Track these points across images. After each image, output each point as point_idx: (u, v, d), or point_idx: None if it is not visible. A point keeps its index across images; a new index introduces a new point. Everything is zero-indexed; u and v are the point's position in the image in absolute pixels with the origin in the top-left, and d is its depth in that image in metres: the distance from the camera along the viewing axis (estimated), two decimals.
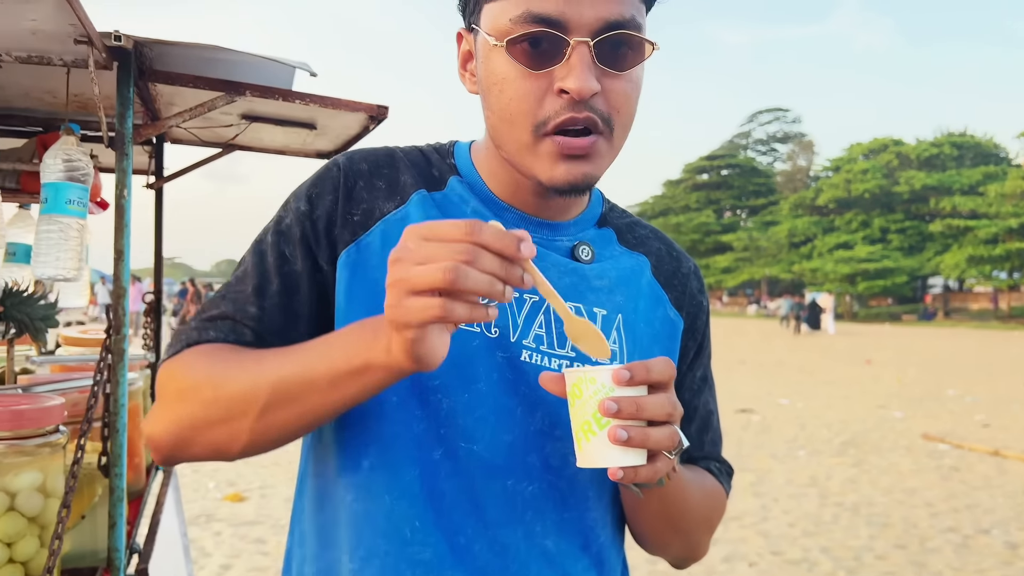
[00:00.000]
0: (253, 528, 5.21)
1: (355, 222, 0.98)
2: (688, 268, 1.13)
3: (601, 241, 1.07)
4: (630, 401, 0.79)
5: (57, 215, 1.55)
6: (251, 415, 0.85)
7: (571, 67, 0.87)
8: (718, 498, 1.11)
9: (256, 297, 0.95)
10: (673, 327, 1.08)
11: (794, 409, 11.03)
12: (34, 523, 1.37)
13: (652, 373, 0.80)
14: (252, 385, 0.85)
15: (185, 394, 0.89)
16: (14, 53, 1.50)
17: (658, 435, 0.79)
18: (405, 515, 0.92)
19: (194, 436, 0.89)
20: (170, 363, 0.93)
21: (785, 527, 5.50)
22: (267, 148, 2.48)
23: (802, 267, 59.12)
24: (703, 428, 1.14)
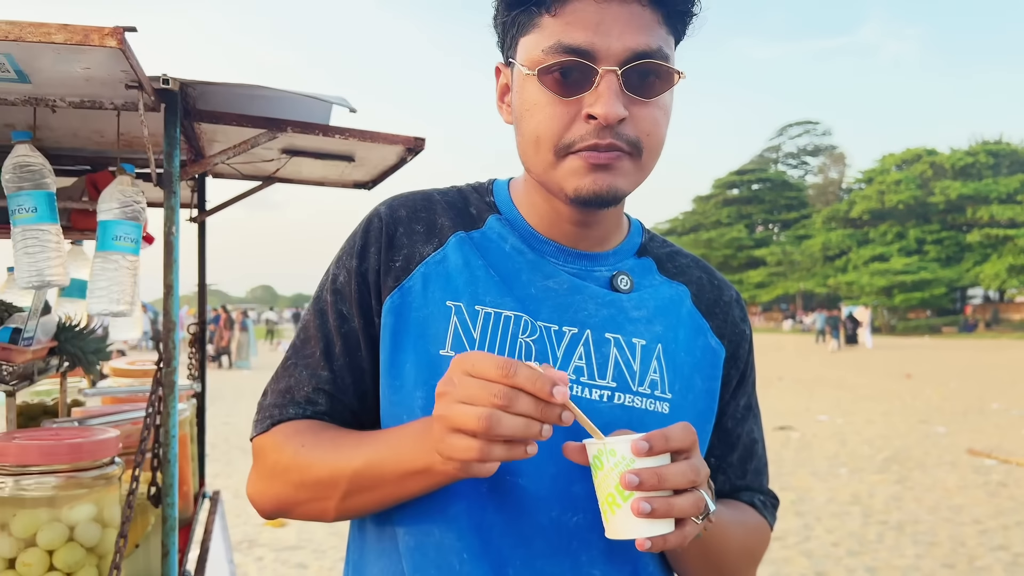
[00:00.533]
0: (295, 553, 5.25)
1: (397, 268, 1.02)
2: (730, 296, 1.14)
3: (640, 271, 1.09)
4: (651, 473, 0.80)
5: (110, 252, 1.60)
6: (335, 499, 0.95)
7: (599, 94, 0.91)
8: (761, 533, 1.11)
9: (325, 360, 1.02)
10: (715, 355, 1.08)
11: (834, 425, 10.87)
12: (92, 553, 1.41)
13: (672, 442, 0.82)
14: (332, 474, 0.94)
15: (277, 475, 1.00)
16: (67, 99, 1.56)
17: (682, 503, 0.81)
18: (453, 547, 0.94)
19: (290, 509, 1.01)
20: (262, 440, 1.03)
21: (829, 547, 5.42)
22: (306, 180, 2.54)
23: (837, 280, 58.34)
24: (746, 457, 1.13)
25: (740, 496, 1.13)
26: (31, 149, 1.55)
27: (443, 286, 1.00)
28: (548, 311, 1.00)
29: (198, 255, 2.71)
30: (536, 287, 1.01)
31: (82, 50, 1.26)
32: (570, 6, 0.91)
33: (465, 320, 0.98)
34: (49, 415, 2.19)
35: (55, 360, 1.90)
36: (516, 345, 0.97)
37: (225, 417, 11.40)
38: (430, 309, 0.99)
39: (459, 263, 1.02)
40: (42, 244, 1.54)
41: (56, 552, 1.36)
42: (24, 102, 1.54)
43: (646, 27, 0.92)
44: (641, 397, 1.00)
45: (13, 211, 1.53)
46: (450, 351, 0.97)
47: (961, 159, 56.80)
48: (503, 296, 1.00)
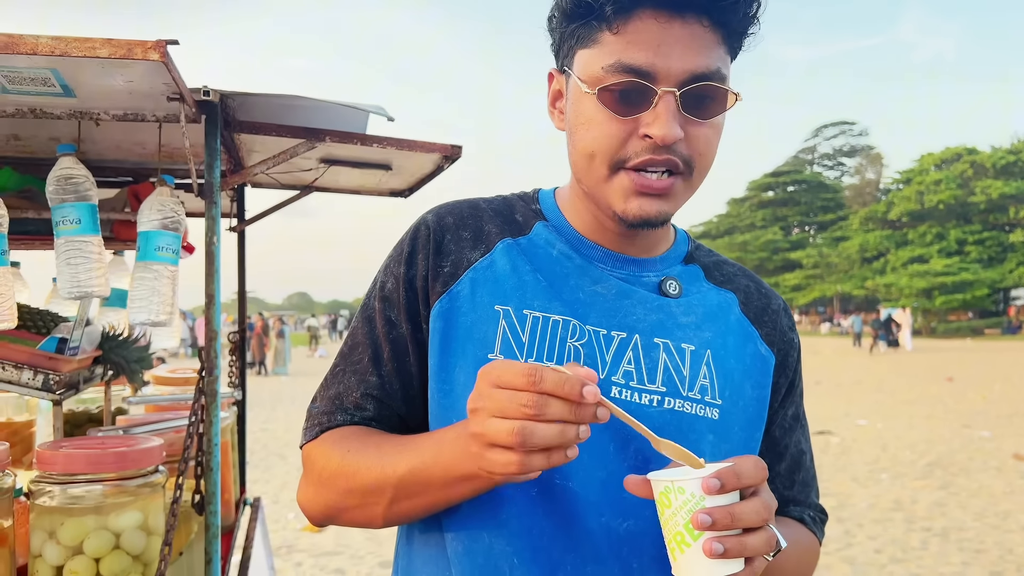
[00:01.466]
0: (332, 559, 5.28)
1: (446, 273, 1.02)
2: (778, 305, 1.13)
3: (688, 277, 1.09)
4: (724, 512, 0.77)
5: (152, 262, 1.62)
6: (382, 505, 0.95)
7: (657, 115, 0.91)
8: (812, 551, 1.10)
9: (374, 366, 1.03)
10: (764, 363, 1.08)
11: (874, 430, 10.68)
12: (138, 561, 1.42)
13: (743, 479, 0.79)
14: (378, 481, 0.94)
15: (325, 482, 1.00)
16: (111, 112, 1.58)
17: (755, 542, 0.79)
18: (503, 552, 0.94)
19: (339, 515, 1.01)
20: (311, 448, 1.04)
21: (871, 553, 5.32)
22: (343, 188, 2.55)
23: (875, 282, 57.43)
24: (794, 468, 1.12)
25: (789, 511, 1.11)
26: (75, 162, 1.58)
27: (491, 291, 1.01)
28: (597, 315, 1.00)
29: (238, 264, 2.74)
30: (584, 292, 1.02)
31: (126, 64, 1.28)
32: (632, 25, 0.91)
33: (514, 324, 0.98)
34: (94, 423, 2.22)
35: (99, 369, 1.93)
36: (565, 349, 0.98)
37: (263, 423, 11.52)
38: (479, 314, 0.99)
39: (507, 268, 1.02)
40: (84, 255, 1.56)
41: (103, 560, 1.37)
42: (69, 116, 1.56)
43: (706, 48, 0.92)
44: (691, 402, 0.99)
45: (57, 222, 1.56)
46: (499, 355, 0.97)
47: (1003, 158, 55.54)
48: (551, 300, 1.00)
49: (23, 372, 1.62)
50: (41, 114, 1.55)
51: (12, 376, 1.62)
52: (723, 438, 1.00)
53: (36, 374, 1.63)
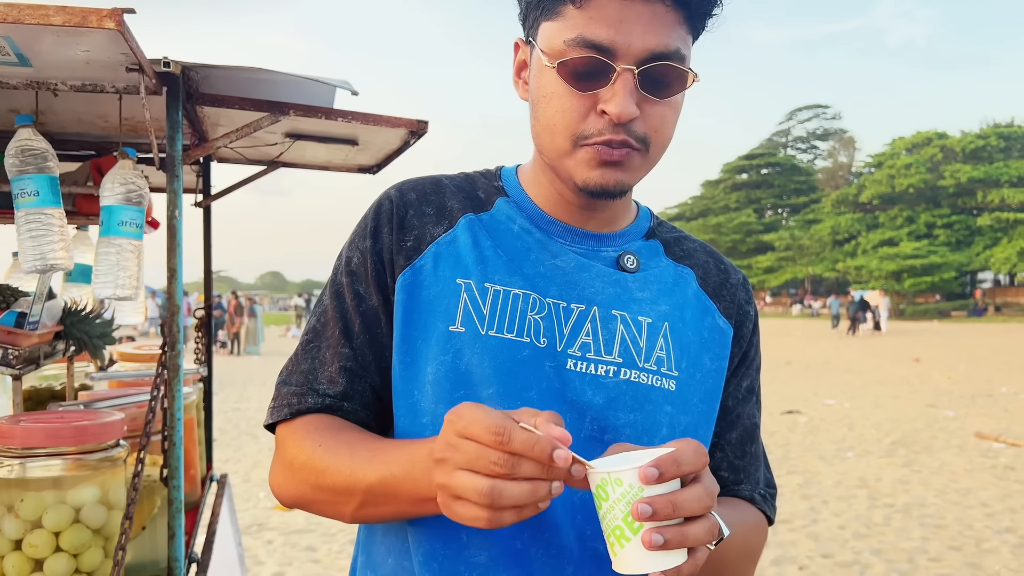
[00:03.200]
0: (304, 536, 5.29)
1: (409, 248, 1.04)
2: (737, 280, 1.15)
3: (647, 252, 1.10)
4: (665, 501, 0.73)
5: (115, 237, 1.60)
6: (351, 506, 0.96)
7: (615, 91, 0.92)
8: (760, 531, 1.09)
9: (346, 339, 1.04)
10: (723, 335, 1.09)
11: (841, 409, 10.86)
12: (98, 535, 1.42)
13: (683, 466, 0.76)
14: (347, 484, 0.94)
15: (295, 471, 1.01)
16: (69, 82, 1.55)
17: (697, 532, 0.75)
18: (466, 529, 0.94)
19: (308, 506, 1.02)
20: (284, 431, 1.04)
21: (835, 529, 5.43)
22: (310, 164, 2.53)
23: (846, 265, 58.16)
24: (746, 439, 1.12)
25: (740, 490, 1.10)
26: (34, 133, 1.55)
27: (453, 265, 1.02)
28: (556, 288, 1.02)
29: (203, 240, 2.71)
30: (544, 266, 1.03)
31: (81, 32, 1.26)
32: (596, 0, 0.91)
33: (475, 297, 1.00)
34: (57, 399, 2.20)
35: (61, 344, 1.91)
36: (525, 322, 0.99)
37: (235, 403, 11.46)
38: (441, 287, 1.01)
39: (468, 243, 1.04)
40: (45, 228, 1.54)
41: (62, 534, 1.37)
42: (26, 86, 1.54)
43: (667, 27, 0.92)
44: (647, 373, 1.00)
45: (16, 195, 1.54)
46: (460, 327, 0.99)
47: (972, 142, 56.33)
48: (512, 275, 1.02)
49: None
50: None
51: None
52: (681, 409, 1.02)
53: None
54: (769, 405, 10.72)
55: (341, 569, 4.67)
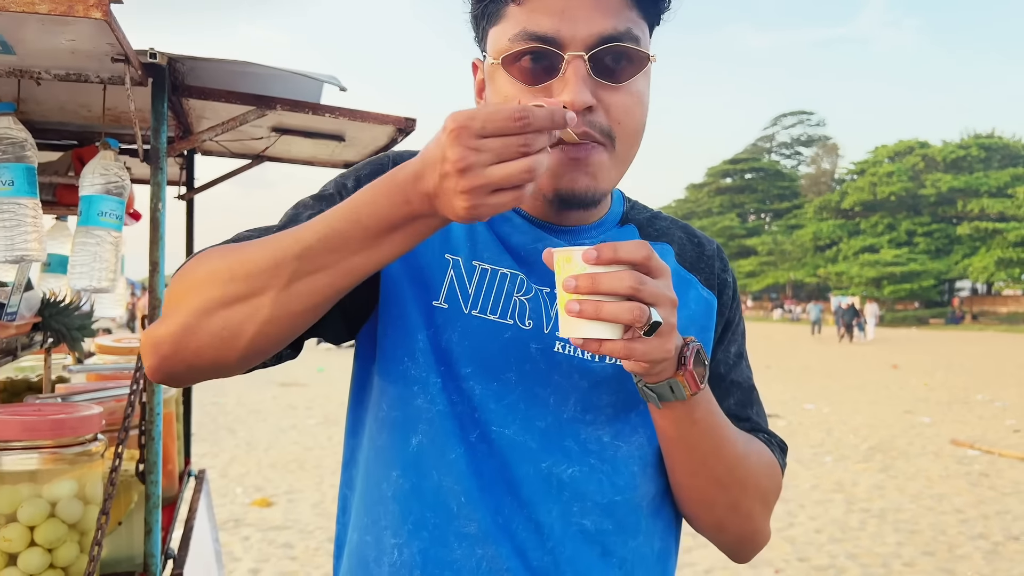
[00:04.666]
0: (281, 533, 5.26)
1: None
2: (711, 250, 1.15)
3: (624, 238, 1.10)
4: (587, 277, 0.79)
5: (93, 227, 1.58)
6: (276, 286, 0.81)
7: (566, 81, 0.90)
8: (771, 468, 1.08)
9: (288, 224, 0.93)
10: (708, 305, 1.09)
11: (820, 414, 10.94)
12: (74, 529, 1.40)
13: (620, 252, 0.79)
14: (278, 255, 0.81)
15: (197, 286, 0.85)
16: (53, 71, 1.54)
17: (612, 308, 0.78)
18: (452, 490, 0.95)
19: (201, 323, 0.84)
20: (180, 270, 0.91)
21: (811, 533, 5.47)
22: (296, 159, 2.52)
23: (827, 271, 58.63)
24: (745, 401, 1.13)
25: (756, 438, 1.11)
26: (14, 122, 1.53)
27: (443, 238, 1.00)
28: (538, 275, 1.01)
29: (186, 233, 2.69)
30: (526, 251, 1.02)
31: (67, 21, 1.24)
32: None
33: (462, 274, 0.99)
34: (33, 391, 2.18)
35: (39, 336, 1.89)
36: (511, 302, 0.99)
37: (213, 397, 11.39)
38: (428, 258, 0.99)
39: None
40: (18, 218, 1.52)
41: (37, 528, 1.35)
42: (8, 74, 1.52)
43: (613, 11, 0.91)
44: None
45: None
46: (443, 303, 0.98)
47: (953, 152, 56.93)
48: (501, 255, 1.01)
49: None
50: None
51: None
52: None
53: None
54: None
55: (318, 566, 4.65)
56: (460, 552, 0.94)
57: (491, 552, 0.94)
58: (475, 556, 0.94)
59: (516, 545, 0.95)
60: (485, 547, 0.94)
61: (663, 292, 0.81)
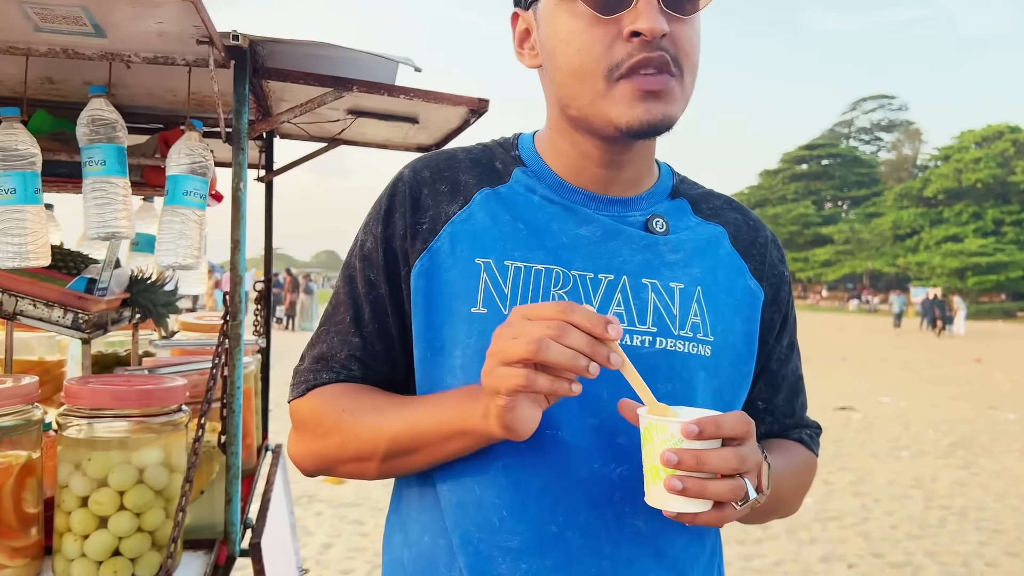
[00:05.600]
0: (352, 510, 5.38)
1: (424, 230, 1.01)
2: (766, 237, 1.12)
3: (675, 212, 1.07)
4: (691, 455, 0.80)
5: (179, 206, 1.63)
6: (376, 459, 0.98)
7: (639, 11, 0.90)
8: (810, 469, 1.15)
9: (355, 327, 1.04)
10: (754, 297, 1.07)
11: (897, 408, 10.62)
12: (160, 496, 1.46)
13: (723, 429, 0.81)
14: (373, 437, 0.97)
15: (320, 437, 1.03)
16: (141, 54, 1.59)
17: (717, 488, 0.80)
18: (493, 505, 0.94)
19: (332, 468, 1.04)
20: (300, 404, 1.07)
21: (887, 529, 5.32)
22: (370, 142, 2.55)
23: (907, 260, 56.75)
24: (792, 395, 1.15)
25: (789, 434, 1.15)
26: (106, 103, 1.59)
27: (471, 244, 0.99)
28: (581, 260, 0.99)
29: (265, 215, 2.76)
30: (568, 236, 1.00)
31: (155, 3, 1.29)
32: None
33: (495, 276, 0.97)
34: (121, 365, 2.27)
35: (127, 312, 1.96)
36: (549, 298, 0.96)
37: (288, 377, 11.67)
38: (460, 268, 0.98)
39: (486, 220, 1.00)
40: (109, 196, 1.57)
41: (126, 493, 1.41)
42: (100, 57, 1.57)
43: None
44: (683, 341, 0.98)
45: (85, 163, 1.58)
46: (482, 308, 0.96)
47: None
48: (533, 249, 0.99)
49: (54, 310, 1.66)
50: (73, 54, 1.56)
51: (43, 314, 1.66)
52: (713, 374, 1.00)
53: (66, 312, 1.66)
54: (822, 400, 10.55)
55: None
56: (505, 567, 0.94)
57: (536, 565, 0.93)
58: (520, 571, 0.93)
59: (568, 555, 0.93)
60: (530, 560, 0.93)
61: (756, 459, 0.84)
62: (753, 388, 1.11)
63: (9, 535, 1.38)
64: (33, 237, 1.56)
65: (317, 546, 4.68)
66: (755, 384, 1.11)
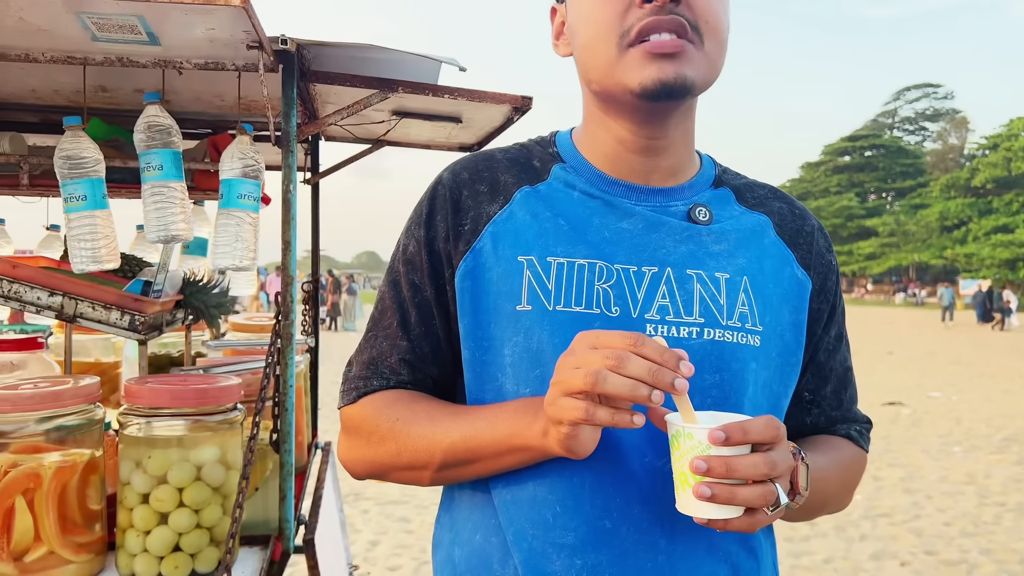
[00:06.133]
0: (398, 507, 5.43)
1: (467, 231, 1.02)
2: (812, 226, 1.11)
3: (719, 202, 1.06)
4: (720, 461, 0.80)
5: (233, 209, 1.66)
6: (430, 469, 0.99)
7: None
8: (858, 465, 1.13)
9: (403, 331, 1.06)
10: (801, 287, 1.06)
11: (948, 403, 10.39)
12: (217, 492, 1.49)
13: (750, 435, 0.81)
14: (429, 446, 0.98)
15: (372, 445, 1.04)
16: (193, 60, 1.62)
17: (747, 494, 0.80)
18: (546, 500, 0.95)
19: (385, 474, 1.06)
20: (352, 411, 1.09)
21: (940, 526, 5.22)
22: (414, 143, 2.57)
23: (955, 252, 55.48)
24: (841, 386, 1.13)
25: (836, 429, 1.13)
26: (160, 109, 1.63)
27: (512, 242, 1.00)
28: (624, 253, 0.99)
29: (311, 217, 2.79)
30: (610, 230, 1.00)
31: (208, 10, 1.31)
32: None
33: (538, 273, 0.97)
34: (175, 365, 2.32)
35: (181, 313, 2.01)
36: (593, 292, 0.96)
37: (333, 376, 11.79)
38: (503, 267, 0.99)
39: (527, 218, 1.01)
40: (168, 200, 1.61)
41: (185, 490, 1.44)
42: (154, 64, 1.61)
43: None
44: (731, 331, 0.97)
45: (143, 168, 1.62)
46: (527, 305, 0.97)
47: None
48: (575, 244, 0.99)
49: (111, 312, 1.70)
50: (128, 63, 1.60)
51: (102, 316, 1.70)
52: (764, 365, 0.99)
53: (123, 314, 1.70)
54: (869, 395, 10.36)
55: None
56: (560, 563, 0.94)
57: (591, 561, 0.93)
58: (574, 567, 0.93)
59: (622, 550, 0.93)
60: (584, 556, 0.93)
61: (787, 463, 0.84)
62: (801, 379, 1.10)
63: (74, 531, 1.42)
64: (104, 241, 1.61)
65: (364, 543, 4.73)
66: (803, 375, 1.10)
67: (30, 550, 1.37)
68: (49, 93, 2.03)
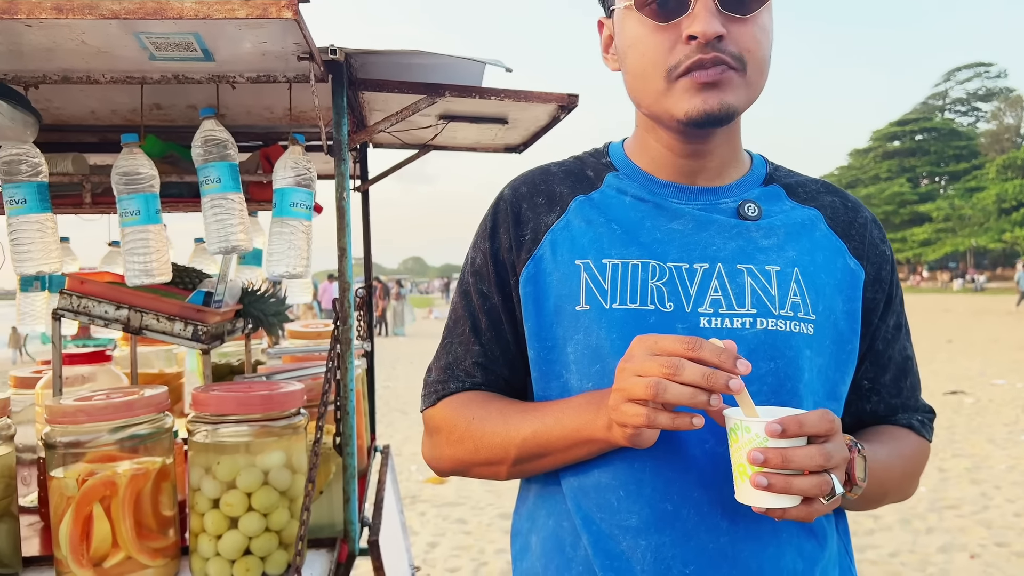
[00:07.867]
0: (454, 509, 5.46)
1: (528, 241, 1.10)
2: (865, 218, 1.13)
3: (769, 198, 1.10)
4: (777, 453, 0.83)
5: (287, 218, 1.70)
6: (507, 463, 1.07)
7: (695, 15, 0.95)
8: (921, 455, 1.14)
9: (475, 337, 1.15)
10: (854, 277, 1.08)
11: (1013, 390, 10.08)
12: (284, 496, 1.52)
13: (805, 427, 0.84)
14: (503, 443, 1.06)
15: (453, 443, 1.12)
16: (246, 74, 1.66)
17: (803, 484, 0.83)
18: (610, 485, 1.01)
19: (467, 470, 1.14)
20: (433, 412, 1.17)
21: (1010, 517, 5.07)
22: (460, 146, 2.59)
23: (1015, 235, 53.81)
24: (900, 375, 1.14)
25: (897, 419, 1.14)
26: (216, 124, 1.66)
27: (570, 248, 1.07)
28: (676, 252, 1.04)
29: (363, 223, 2.83)
30: (661, 231, 1.05)
31: (260, 24, 1.34)
32: None
33: (594, 274, 1.04)
34: (235, 374, 2.37)
35: (240, 322, 2.05)
36: (647, 290, 1.02)
37: (385, 381, 11.92)
38: (562, 271, 1.06)
39: (582, 225, 1.08)
40: (227, 212, 1.65)
41: (254, 494, 1.47)
42: (208, 80, 1.65)
43: None
44: (784, 320, 1.01)
45: (202, 182, 1.65)
46: (585, 305, 1.03)
47: None
48: (628, 246, 1.05)
49: (175, 323, 1.75)
50: (184, 79, 1.64)
51: (166, 327, 1.75)
52: (818, 352, 1.02)
53: (186, 325, 1.74)
54: (930, 385, 10.10)
55: (491, 541, 4.79)
56: (626, 544, 0.99)
57: (655, 542, 0.98)
58: (639, 548, 0.98)
59: (685, 531, 0.97)
60: (648, 537, 0.98)
61: (842, 455, 0.86)
62: (859, 368, 1.12)
63: (149, 537, 1.47)
64: (157, 255, 1.65)
65: (423, 545, 4.77)
66: (861, 364, 1.12)
67: (108, 556, 1.42)
68: (107, 113, 2.09)
